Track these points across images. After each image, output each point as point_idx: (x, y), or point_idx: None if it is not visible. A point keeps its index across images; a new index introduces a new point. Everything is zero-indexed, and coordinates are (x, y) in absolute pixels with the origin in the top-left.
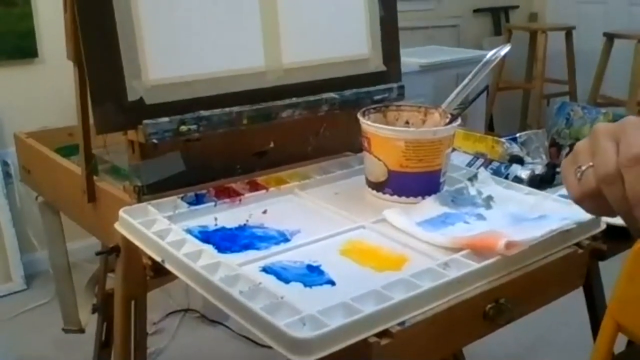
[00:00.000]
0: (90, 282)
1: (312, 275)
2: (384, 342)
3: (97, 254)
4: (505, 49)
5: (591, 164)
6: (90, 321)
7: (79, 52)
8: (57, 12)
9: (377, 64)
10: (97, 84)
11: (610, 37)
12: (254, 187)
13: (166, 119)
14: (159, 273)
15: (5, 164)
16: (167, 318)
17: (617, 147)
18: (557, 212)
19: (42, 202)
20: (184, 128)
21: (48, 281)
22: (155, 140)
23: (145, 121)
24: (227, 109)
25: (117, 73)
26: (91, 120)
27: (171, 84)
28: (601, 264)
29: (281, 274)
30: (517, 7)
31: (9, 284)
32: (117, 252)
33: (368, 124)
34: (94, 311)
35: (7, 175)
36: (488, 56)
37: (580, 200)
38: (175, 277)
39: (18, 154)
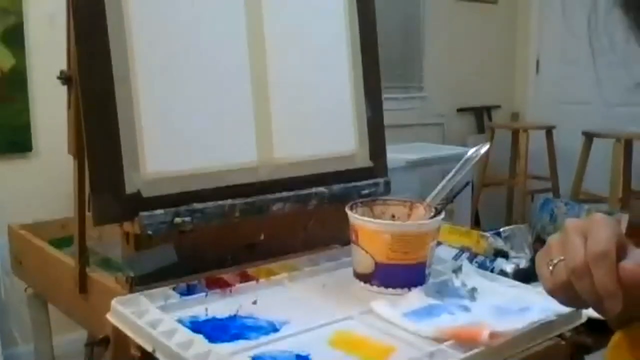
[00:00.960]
0: None
1: None
2: None
3: (87, 345)
4: (485, 148)
5: (562, 257)
6: None
7: (81, 147)
8: (53, 107)
9: (364, 160)
10: (97, 177)
11: (589, 136)
12: (245, 278)
13: (161, 211)
14: None
15: None
16: None
17: (585, 242)
18: (539, 304)
19: (31, 293)
20: (178, 220)
21: None
22: (150, 232)
23: (141, 213)
24: (220, 202)
25: (117, 167)
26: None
27: (167, 177)
28: (590, 356)
29: None
30: (499, 106)
31: None
32: (107, 343)
33: (356, 217)
34: None
35: None
36: (469, 154)
37: (552, 292)
38: None
39: (11, 245)
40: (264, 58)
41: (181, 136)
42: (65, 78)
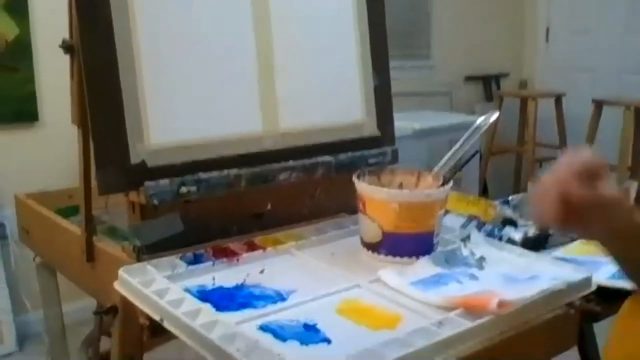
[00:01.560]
0: (83, 344)
1: (309, 333)
2: None
3: (95, 313)
4: (494, 116)
5: None
6: None
7: (84, 117)
8: (58, 76)
9: (371, 129)
10: (102, 147)
11: (598, 104)
12: (251, 247)
13: (167, 181)
14: (156, 333)
15: (1, 225)
16: None
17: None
18: (548, 273)
19: (40, 262)
20: (183, 190)
21: (40, 343)
22: (155, 202)
23: (146, 183)
24: (225, 172)
25: (121, 137)
26: (92, 182)
27: (172, 147)
28: (598, 323)
29: (278, 332)
30: (507, 74)
31: (1, 346)
32: (115, 312)
33: (363, 186)
34: None
35: (3, 236)
36: (477, 122)
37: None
38: (169, 339)
39: (18, 214)
40: (269, 27)
41: (185, 106)
42: (67, 47)
